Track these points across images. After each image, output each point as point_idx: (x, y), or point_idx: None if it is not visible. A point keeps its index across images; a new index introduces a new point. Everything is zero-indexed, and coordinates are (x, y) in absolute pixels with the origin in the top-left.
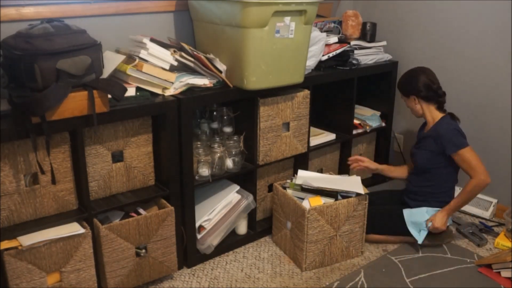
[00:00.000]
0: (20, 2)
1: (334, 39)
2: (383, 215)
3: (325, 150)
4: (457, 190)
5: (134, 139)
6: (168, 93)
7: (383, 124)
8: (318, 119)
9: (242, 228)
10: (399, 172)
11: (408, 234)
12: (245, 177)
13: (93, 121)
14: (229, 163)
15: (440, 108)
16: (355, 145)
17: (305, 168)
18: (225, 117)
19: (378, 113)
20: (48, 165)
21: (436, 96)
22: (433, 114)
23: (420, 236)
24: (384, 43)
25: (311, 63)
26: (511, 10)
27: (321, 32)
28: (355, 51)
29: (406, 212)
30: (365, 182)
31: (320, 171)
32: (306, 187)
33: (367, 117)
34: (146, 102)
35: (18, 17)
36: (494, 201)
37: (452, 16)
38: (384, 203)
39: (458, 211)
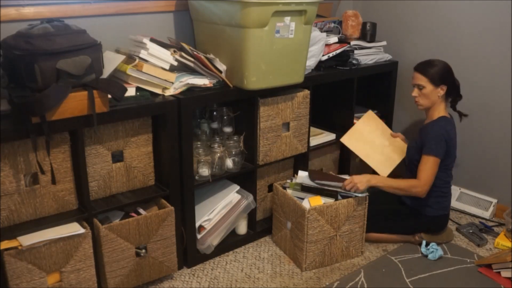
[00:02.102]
0: (20, 2)
1: (334, 39)
2: (383, 214)
3: (325, 150)
4: (452, 189)
5: (134, 139)
6: (168, 93)
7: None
8: (318, 119)
9: (242, 228)
10: None
11: (407, 233)
12: (245, 177)
13: (93, 121)
14: (229, 163)
15: (452, 106)
16: None
17: (305, 168)
18: (225, 117)
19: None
20: (48, 165)
21: (457, 92)
22: (438, 111)
23: None
24: (384, 43)
25: (311, 63)
26: (511, 10)
27: (321, 32)
28: (355, 51)
29: None
30: None
31: (320, 171)
32: (307, 185)
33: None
34: (146, 102)
35: (18, 17)
36: (494, 201)
37: (452, 16)
38: (384, 202)
39: (458, 211)
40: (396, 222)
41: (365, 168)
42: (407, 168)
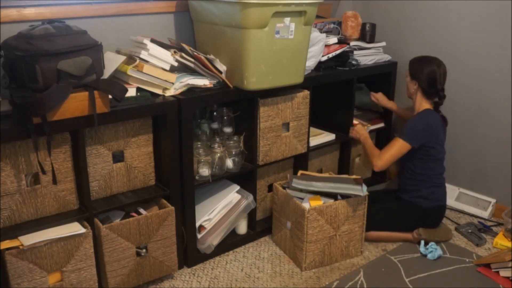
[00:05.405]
0: (21, 3)
1: (333, 39)
2: (380, 211)
3: (324, 150)
4: (451, 189)
5: (134, 139)
6: (168, 93)
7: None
8: (318, 119)
9: (242, 228)
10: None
11: (406, 230)
12: (245, 177)
13: (93, 121)
14: (229, 163)
15: (435, 108)
16: (354, 145)
17: (305, 168)
18: (225, 117)
19: None
20: (49, 165)
21: (435, 95)
22: (420, 104)
23: None
24: (383, 43)
25: (310, 63)
26: (511, 10)
27: (321, 32)
28: (355, 52)
29: None
30: (364, 182)
31: (320, 171)
32: (306, 188)
33: None
34: (146, 102)
35: (19, 18)
36: (493, 201)
37: (452, 17)
38: (381, 200)
39: (457, 211)
40: (394, 218)
41: (365, 168)
42: (401, 165)
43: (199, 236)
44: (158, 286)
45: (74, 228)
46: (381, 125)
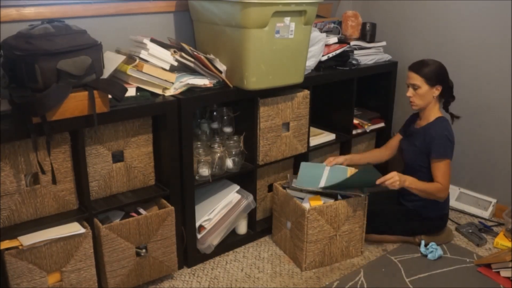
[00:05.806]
0: (20, 2)
1: (333, 39)
2: (383, 215)
3: (325, 150)
4: (452, 189)
5: (134, 139)
6: (168, 93)
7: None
8: (318, 119)
9: (242, 228)
10: (374, 157)
11: (407, 234)
12: (245, 177)
13: (93, 121)
14: (229, 163)
15: (445, 107)
16: (354, 145)
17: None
18: (225, 117)
19: None
20: (48, 165)
21: (450, 93)
22: (433, 111)
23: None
24: (383, 43)
25: (311, 63)
26: (511, 10)
27: (321, 32)
28: (355, 52)
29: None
30: None
31: None
32: (306, 189)
33: None
34: (146, 102)
35: (18, 17)
36: (494, 201)
37: (452, 16)
38: (383, 203)
39: (458, 211)
40: (396, 224)
41: None
42: (405, 171)
43: (199, 236)
44: (158, 286)
45: (74, 228)
46: (381, 125)
